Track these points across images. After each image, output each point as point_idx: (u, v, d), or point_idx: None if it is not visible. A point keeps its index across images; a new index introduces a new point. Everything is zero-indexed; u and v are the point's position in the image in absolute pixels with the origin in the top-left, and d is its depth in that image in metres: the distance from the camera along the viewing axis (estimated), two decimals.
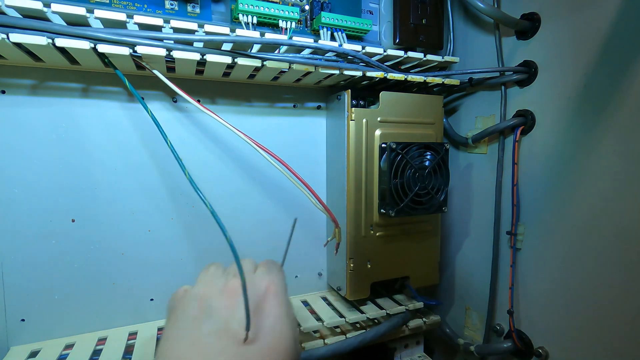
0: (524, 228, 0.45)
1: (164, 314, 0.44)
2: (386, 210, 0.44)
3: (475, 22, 0.51)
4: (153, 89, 0.42)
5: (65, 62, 0.36)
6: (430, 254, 0.51)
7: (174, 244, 0.44)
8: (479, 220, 0.52)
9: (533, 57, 0.44)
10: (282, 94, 0.49)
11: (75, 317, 0.41)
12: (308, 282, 0.52)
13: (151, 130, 0.42)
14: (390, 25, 0.47)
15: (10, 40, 0.29)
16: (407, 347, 0.51)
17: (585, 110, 0.39)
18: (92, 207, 0.40)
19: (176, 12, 0.38)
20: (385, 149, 0.44)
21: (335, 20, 0.42)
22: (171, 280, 0.45)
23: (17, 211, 0.38)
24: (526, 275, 0.45)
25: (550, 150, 0.42)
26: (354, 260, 0.45)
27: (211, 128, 0.45)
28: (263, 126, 0.48)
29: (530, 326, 0.45)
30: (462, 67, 0.52)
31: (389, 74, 0.44)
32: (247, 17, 0.39)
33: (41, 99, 0.38)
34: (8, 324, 0.38)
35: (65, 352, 0.38)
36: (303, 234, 0.51)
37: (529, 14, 0.44)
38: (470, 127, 0.53)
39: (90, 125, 0.40)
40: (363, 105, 0.46)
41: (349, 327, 0.46)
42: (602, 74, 0.37)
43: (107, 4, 0.35)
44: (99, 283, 0.41)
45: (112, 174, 0.41)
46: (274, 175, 0.48)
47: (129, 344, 0.40)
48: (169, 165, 0.43)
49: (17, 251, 0.38)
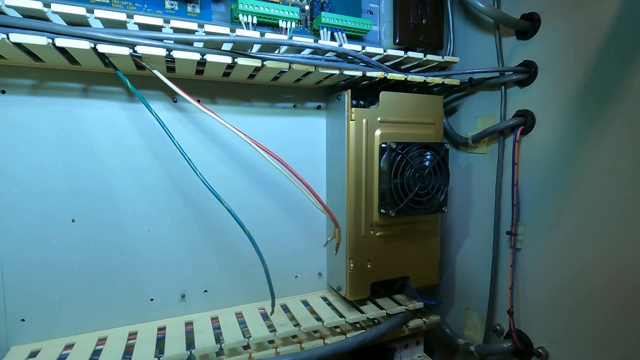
0: (524, 228, 0.45)
1: (164, 314, 0.45)
2: (386, 210, 0.44)
3: (475, 22, 0.51)
4: (153, 89, 0.42)
5: (65, 62, 0.36)
6: (430, 254, 0.51)
7: (174, 244, 0.44)
8: (478, 220, 0.52)
9: (533, 57, 0.44)
10: (282, 94, 0.49)
11: (75, 317, 0.41)
12: (308, 282, 0.52)
13: (151, 130, 0.42)
14: (390, 25, 0.47)
15: (10, 40, 0.29)
16: (407, 347, 0.51)
17: (585, 110, 0.39)
18: (92, 207, 0.40)
19: (176, 12, 0.38)
20: (385, 149, 0.44)
21: (335, 20, 0.43)
22: (171, 280, 0.45)
23: (17, 211, 0.38)
24: (526, 275, 0.45)
25: (550, 150, 0.42)
26: (354, 260, 0.45)
27: (211, 128, 0.45)
28: (263, 126, 0.48)
29: (530, 326, 0.45)
30: (462, 67, 0.52)
31: (389, 74, 0.44)
32: (247, 17, 0.39)
33: (41, 99, 0.38)
34: (8, 324, 0.38)
35: (65, 352, 0.38)
36: (303, 234, 0.51)
37: (529, 14, 0.44)
38: (470, 127, 0.53)
39: (90, 126, 0.40)
40: (363, 105, 0.46)
41: (349, 327, 0.46)
42: (602, 73, 0.37)
43: (107, 4, 0.35)
44: (99, 283, 0.41)
45: (112, 174, 0.41)
46: (274, 175, 0.48)
47: (129, 344, 0.40)
48: (169, 165, 0.43)
49: (17, 251, 0.38)
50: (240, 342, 0.40)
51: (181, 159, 0.37)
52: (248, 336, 0.41)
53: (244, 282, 0.48)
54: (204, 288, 0.46)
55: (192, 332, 0.42)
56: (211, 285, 0.47)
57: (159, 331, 0.42)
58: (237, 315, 0.46)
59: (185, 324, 0.44)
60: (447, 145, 0.46)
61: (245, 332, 0.42)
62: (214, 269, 0.47)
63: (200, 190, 0.44)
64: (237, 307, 0.48)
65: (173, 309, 0.45)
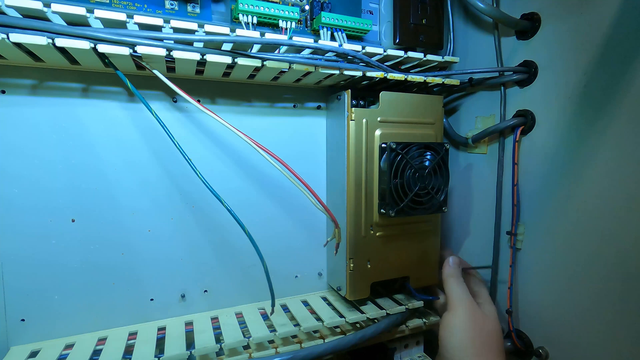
0: (524, 228, 0.45)
1: (164, 314, 0.45)
2: (386, 210, 0.44)
3: (475, 22, 0.51)
4: (153, 89, 0.42)
5: (66, 62, 0.36)
6: (430, 254, 0.51)
7: (174, 244, 0.44)
8: (479, 220, 0.52)
9: (533, 57, 0.44)
10: (282, 94, 0.49)
11: (75, 317, 0.41)
12: (308, 282, 0.52)
13: (151, 130, 0.42)
14: (390, 25, 0.47)
15: (10, 40, 0.29)
16: (407, 347, 0.51)
17: (585, 110, 0.39)
18: (92, 207, 0.40)
19: (176, 12, 0.38)
20: (385, 149, 0.44)
21: (335, 20, 0.42)
22: (171, 280, 0.45)
23: (18, 211, 0.38)
24: (526, 275, 0.45)
25: (550, 150, 0.42)
26: (354, 260, 0.45)
27: (211, 128, 0.45)
28: (263, 126, 0.48)
29: (530, 326, 0.45)
30: (462, 67, 0.52)
31: (389, 74, 0.44)
32: (247, 17, 0.39)
33: (41, 99, 0.38)
34: (8, 324, 0.38)
35: (65, 352, 0.38)
36: (303, 234, 0.51)
37: (529, 14, 0.44)
38: (470, 127, 0.53)
39: (90, 125, 0.40)
40: (363, 105, 0.46)
41: (349, 327, 0.46)
42: (602, 74, 0.37)
43: (107, 4, 0.35)
44: (99, 283, 0.41)
45: (112, 174, 0.41)
46: (273, 175, 0.48)
47: (129, 344, 0.40)
48: (169, 165, 0.43)
49: (17, 251, 0.38)
50: (240, 342, 0.40)
51: (181, 159, 0.37)
52: (248, 336, 0.41)
53: (244, 282, 0.48)
54: (204, 288, 0.46)
55: (192, 332, 0.42)
56: (211, 285, 0.47)
57: (159, 331, 0.42)
58: (237, 315, 0.46)
59: (185, 324, 0.44)
60: (447, 145, 0.46)
61: (245, 332, 0.42)
62: (214, 269, 0.47)
63: (201, 191, 0.43)
64: (237, 307, 0.48)
65: (173, 309, 0.45)
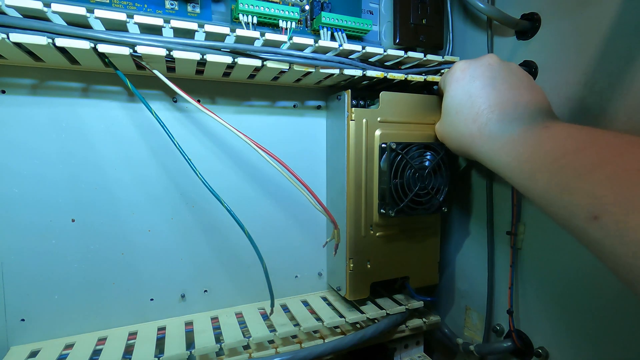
0: (524, 228, 0.45)
1: (164, 314, 0.45)
2: (386, 210, 0.44)
3: (475, 22, 0.51)
4: (153, 88, 0.42)
5: (66, 62, 0.36)
6: (430, 254, 0.51)
7: (174, 244, 0.44)
8: (478, 220, 0.52)
9: (533, 57, 0.44)
10: (282, 94, 0.49)
11: (75, 317, 0.41)
12: (308, 282, 0.53)
13: (152, 130, 0.42)
14: (390, 25, 0.47)
15: (10, 40, 0.29)
16: (407, 347, 0.51)
17: (585, 111, 0.39)
18: (92, 207, 0.40)
19: (176, 12, 0.38)
20: (385, 149, 0.44)
21: (336, 20, 0.43)
22: (171, 280, 0.45)
23: (17, 211, 0.38)
24: (526, 275, 0.45)
25: None
26: (353, 260, 0.45)
27: (211, 128, 0.45)
28: (263, 126, 0.48)
29: (530, 326, 0.45)
30: None
31: (389, 74, 0.44)
32: (247, 17, 0.39)
33: (41, 99, 0.38)
34: (8, 324, 0.38)
35: (65, 352, 0.38)
36: (303, 234, 0.51)
37: (529, 14, 0.44)
38: None
39: (90, 125, 0.40)
40: (363, 105, 0.46)
41: (349, 327, 0.46)
42: (602, 74, 0.37)
43: (107, 4, 0.35)
44: (99, 283, 0.41)
45: (112, 174, 0.41)
46: (273, 175, 0.48)
47: (129, 344, 0.40)
48: (169, 165, 0.43)
49: (17, 251, 0.38)
50: (240, 342, 0.40)
51: (181, 159, 0.37)
52: (248, 336, 0.41)
53: (244, 282, 0.48)
54: (203, 288, 0.46)
55: (192, 332, 0.42)
56: (211, 285, 0.47)
57: (158, 331, 0.42)
58: (237, 315, 0.46)
59: (185, 324, 0.44)
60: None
61: (245, 332, 0.42)
62: (214, 269, 0.47)
63: (201, 191, 0.44)
64: (237, 307, 0.48)
65: (173, 309, 0.45)
